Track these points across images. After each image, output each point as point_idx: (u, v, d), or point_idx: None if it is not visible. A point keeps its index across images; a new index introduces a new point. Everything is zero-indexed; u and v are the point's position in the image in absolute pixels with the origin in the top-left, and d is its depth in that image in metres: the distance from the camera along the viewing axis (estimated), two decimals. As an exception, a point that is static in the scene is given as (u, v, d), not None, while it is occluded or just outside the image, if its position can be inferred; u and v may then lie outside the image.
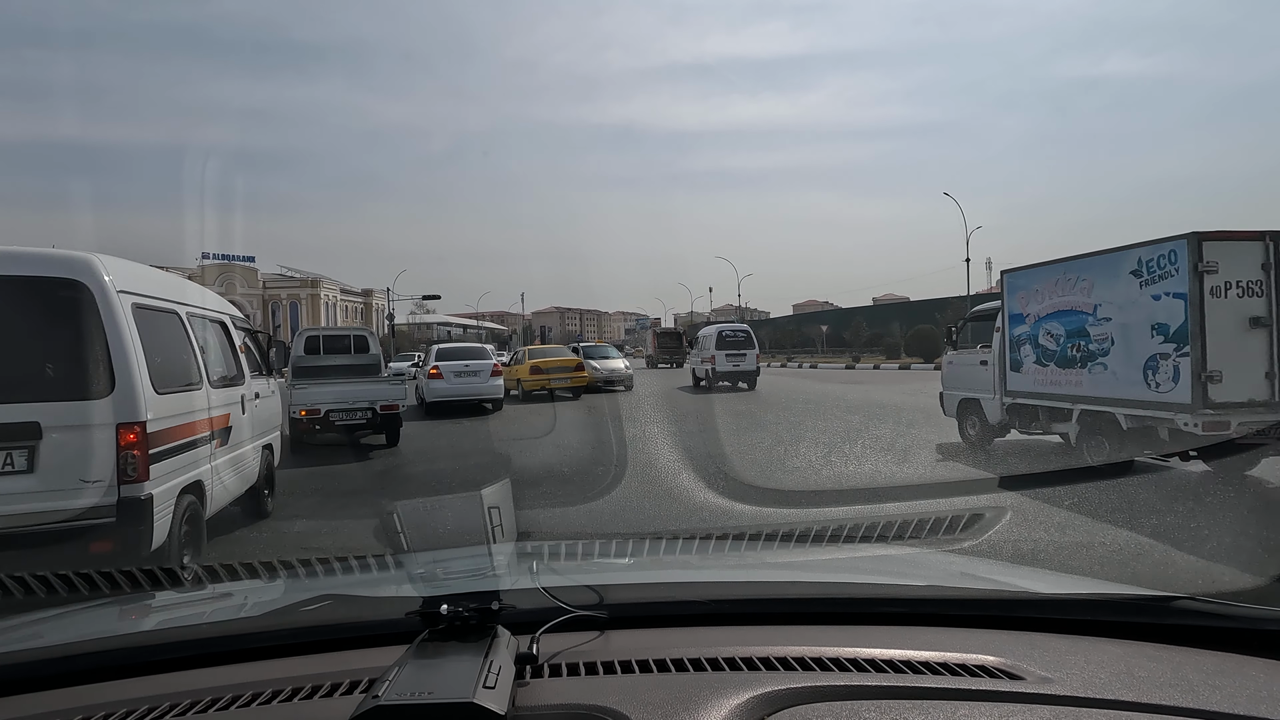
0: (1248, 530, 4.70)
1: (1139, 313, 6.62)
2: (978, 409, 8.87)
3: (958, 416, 9.29)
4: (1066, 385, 7.48)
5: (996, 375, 8.57)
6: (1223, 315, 6.05)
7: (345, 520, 5.77)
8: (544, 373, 17.94)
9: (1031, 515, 5.11)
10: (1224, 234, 6.26)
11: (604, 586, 1.23)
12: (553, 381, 17.87)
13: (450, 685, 0.83)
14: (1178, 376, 6.18)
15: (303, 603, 1.32)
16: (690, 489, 6.25)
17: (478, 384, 14.91)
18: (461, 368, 15.04)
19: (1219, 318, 6.04)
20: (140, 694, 1.00)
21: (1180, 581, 3.73)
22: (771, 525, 4.99)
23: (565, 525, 5.28)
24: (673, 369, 29.91)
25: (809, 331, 53.20)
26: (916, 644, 1.06)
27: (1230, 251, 6.18)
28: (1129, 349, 6.72)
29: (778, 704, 0.88)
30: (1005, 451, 8.12)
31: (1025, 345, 8.14)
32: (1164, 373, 6.31)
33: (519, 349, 23.08)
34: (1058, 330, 7.67)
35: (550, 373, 17.98)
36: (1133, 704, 0.88)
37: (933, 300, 45.39)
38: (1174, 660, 1.03)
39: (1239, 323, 6.08)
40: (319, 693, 0.95)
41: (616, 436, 9.84)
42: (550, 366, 18.24)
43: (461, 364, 15.13)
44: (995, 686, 0.93)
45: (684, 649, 1.04)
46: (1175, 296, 6.25)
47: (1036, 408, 7.96)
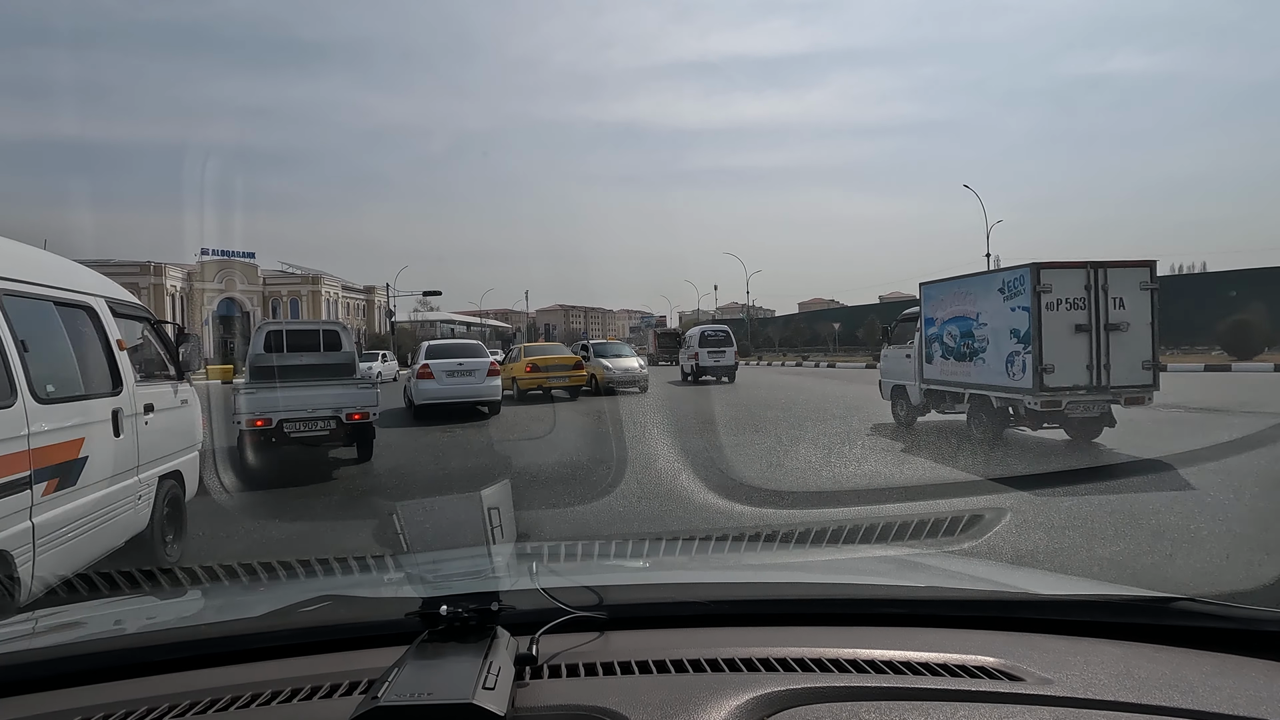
0: (1246, 531, 4.70)
1: (1003, 320, 8.83)
2: (904, 393, 11.01)
3: (890, 399, 11.45)
4: (960, 374, 9.71)
5: (916, 366, 10.63)
6: (1055, 324, 8.24)
7: (345, 520, 5.77)
8: (541, 371, 17.31)
9: (1031, 516, 5.11)
10: (1056, 264, 8.50)
11: (603, 587, 1.23)
12: (550, 381, 17.26)
13: (450, 686, 0.83)
14: (1025, 368, 8.40)
15: (302, 603, 1.32)
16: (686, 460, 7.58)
17: (473, 384, 13.63)
18: (455, 366, 13.69)
19: (1052, 325, 8.24)
20: (139, 695, 1.00)
21: (1179, 582, 3.73)
22: (771, 526, 4.99)
23: (564, 518, 5.29)
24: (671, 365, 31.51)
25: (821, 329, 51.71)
26: (916, 645, 1.06)
27: (1061, 277, 8.35)
28: (997, 347, 8.93)
29: (778, 705, 0.88)
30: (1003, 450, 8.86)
31: (935, 343, 10.28)
32: (1017, 365, 8.55)
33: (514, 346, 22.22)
34: (955, 332, 9.87)
35: (548, 371, 17.37)
36: (1132, 705, 0.88)
37: None
38: (1173, 661, 1.03)
39: (1067, 329, 8.24)
40: (318, 693, 0.95)
41: (616, 434, 9.92)
42: (548, 365, 17.59)
43: (455, 362, 13.78)
44: (995, 687, 0.93)
45: (684, 650, 1.04)
46: (1023, 309, 8.46)
47: (943, 392, 10.12)
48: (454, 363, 13.82)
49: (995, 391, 8.95)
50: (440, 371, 13.61)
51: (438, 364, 13.68)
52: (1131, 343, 8.35)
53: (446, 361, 13.85)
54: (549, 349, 20.26)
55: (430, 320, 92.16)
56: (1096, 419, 8.46)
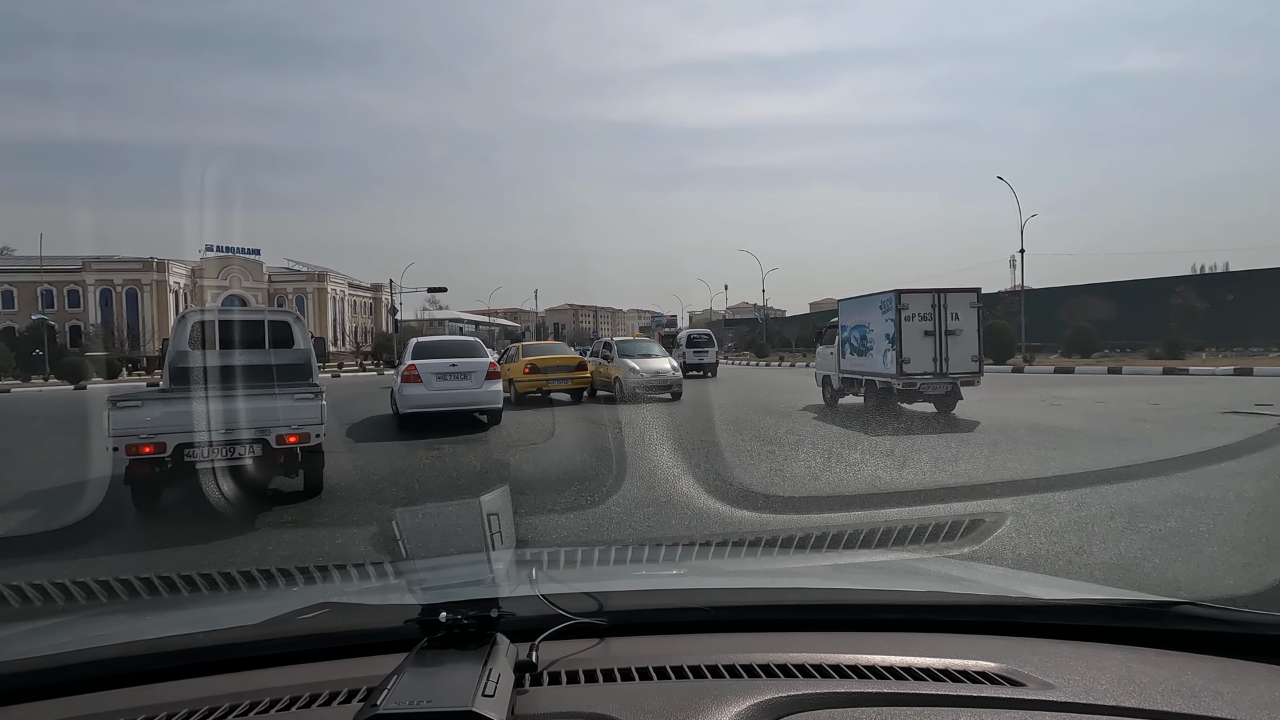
0: (1249, 535, 4.70)
1: (881, 328, 13.14)
2: (829, 381, 15.40)
3: (820, 385, 16.00)
4: (860, 366, 14.03)
5: (835, 361, 15.00)
6: (911, 330, 12.54)
7: (344, 528, 5.76)
8: (541, 373, 15.97)
9: (1031, 520, 5.10)
10: (912, 290, 12.83)
11: (603, 594, 1.23)
12: (551, 383, 16.03)
13: (449, 693, 0.83)
14: (892, 361, 12.60)
15: (301, 611, 1.31)
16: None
17: (469, 389, 11.61)
18: (447, 368, 11.59)
19: (909, 331, 12.54)
20: (137, 704, 0.99)
21: (1181, 586, 3.72)
22: (771, 531, 4.98)
23: (563, 518, 5.28)
24: None
25: None
26: (917, 650, 1.06)
27: (916, 298, 12.68)
28: (879, 346, 13.21)
29: (778, 711, 0.88)
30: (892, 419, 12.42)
31: (846, 344, 14.62)
32: (889, 359, 12.74)
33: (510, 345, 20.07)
34: (857, 336, 14.16)
35: (548, 373, 16.06)
36: (1134, 710, 0.88)
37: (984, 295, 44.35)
38: (1175, 666, 1.03)
39: (920, 334, 12.54)
40: (317, 701, 0.95)
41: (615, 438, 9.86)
42: (548, 365, 16.24)
43: (447, 363, 11.67)
44: (996, 693, 0.93)
45: (684, 656, 1.03)
46: (891, 320, 12.73)
47: (852, 379, 14.39)
48: (445, 364, 11.70)
49: (879, 377, 13.24)
50: (429, 374, 11.51)
51: (426, 365, 11.62)
52: (963, 344, 12.65)
53: (437, 362, 11.72)
54: (550, 348, 18.82)
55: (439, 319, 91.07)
56: (946, 395, 12.58)
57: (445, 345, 12.86)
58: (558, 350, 18.41)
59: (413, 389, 11.53)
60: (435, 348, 12.44)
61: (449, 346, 12.73)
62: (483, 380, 11.79)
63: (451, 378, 11.67)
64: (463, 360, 11.89)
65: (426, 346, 12.52)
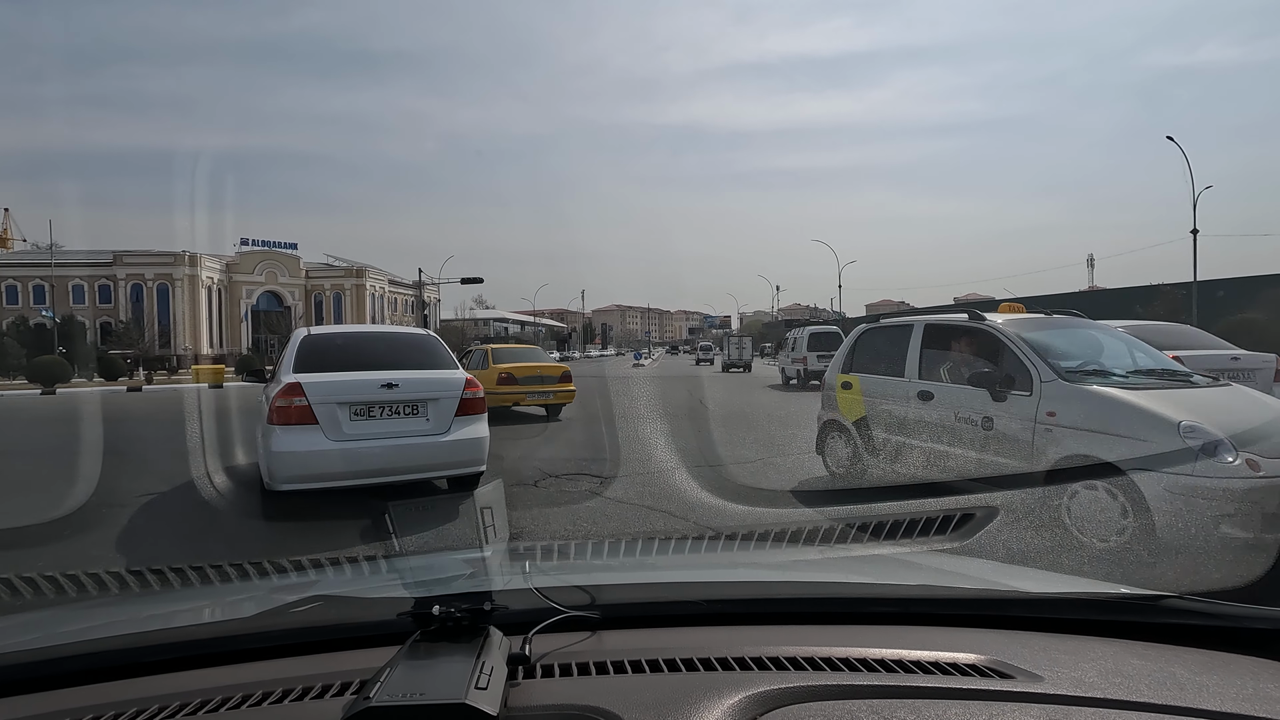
0: (1235, 528, 4.74)
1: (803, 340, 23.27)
2: (783, 373, 25.09)
3: (782, 375, 25.28)
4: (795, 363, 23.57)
5: (790, 359, 24.33)
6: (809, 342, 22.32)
7: (336, 521, 5.74)
8: (518, 384, 12.77)
9: (1022, 514, 5.13)
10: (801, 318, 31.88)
11: (596, 587, 1.23)
12: (528, 398, 12.93)
13: (442, 686, 0.83)
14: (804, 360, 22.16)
15: (293, 604, 1.31)
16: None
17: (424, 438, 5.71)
18: (375, 393, 5.61)
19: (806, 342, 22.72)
20: (129, 696, 0.99)
21: (1169, 580, 3.76)
22: (764, 525, 5.00)
23: (559, 510, 5.29)
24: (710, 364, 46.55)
25: None
26: (908, 643, 1.07)
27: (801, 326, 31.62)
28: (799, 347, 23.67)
29: (770, 704, 0.88)
30: None
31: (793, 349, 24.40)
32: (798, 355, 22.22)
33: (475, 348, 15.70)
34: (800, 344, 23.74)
35: (525, 384, 12.87)
36: (1121, 702, 0.89)
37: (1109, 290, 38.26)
38: (1162, 658, 1.04)
39: None
40: (310, 694, 0.95)
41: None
42: (526, 376, 12.96)
43: (374, 383, 5.66)
44: (986, 685, 0.94)
45: (676, 649, 1.04)
46: None
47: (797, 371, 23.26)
48: (371, 384, 5.67)
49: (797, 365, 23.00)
50: (334, 406, 5.50)
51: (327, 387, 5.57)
52: None
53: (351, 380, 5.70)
54: (529, 354, 14.85)
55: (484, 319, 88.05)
56: None
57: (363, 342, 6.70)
58: (537, 356, 14.66)
59: (294, 439, 5.38)
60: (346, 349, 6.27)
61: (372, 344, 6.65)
62: (450, 418, 5.85)
63: (385, 413, 5.67)
64: (410, 378, 5.86)
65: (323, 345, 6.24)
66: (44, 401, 22.94)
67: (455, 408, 5.87)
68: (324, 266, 71.23)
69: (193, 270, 61.01)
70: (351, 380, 5.68)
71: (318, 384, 5.54)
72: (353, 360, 6.02)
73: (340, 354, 6.13)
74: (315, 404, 5.43)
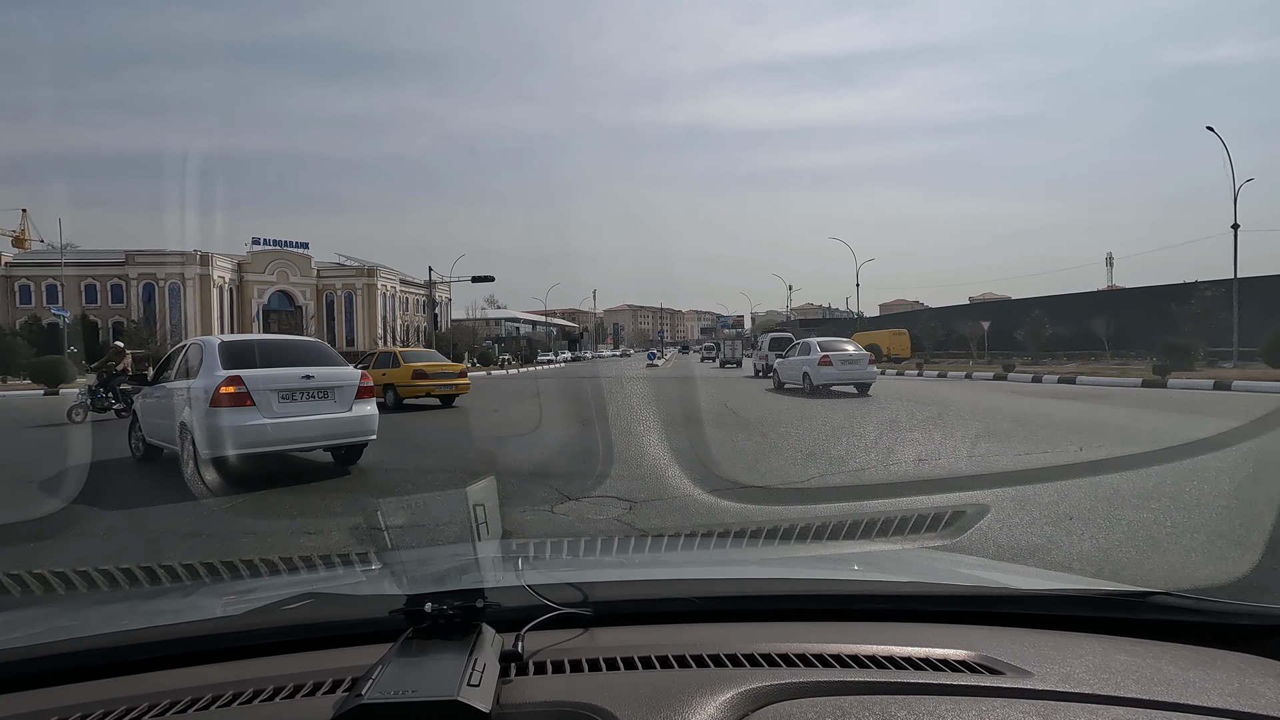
0: (1222, 526, 4.79)
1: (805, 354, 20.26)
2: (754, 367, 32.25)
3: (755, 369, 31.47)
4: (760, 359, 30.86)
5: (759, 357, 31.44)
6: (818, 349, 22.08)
7: (327, 517, 5.72)
8: (428, 378, 16.91)
9: (1012, 512, 5.17)
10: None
11: (589, 584, 1.23)
12: (437, 389, 16.89)
13: (434, 683, 0.83)
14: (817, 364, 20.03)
15: (284, 601, 1.31)
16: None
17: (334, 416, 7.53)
18: (298, 383, 7.36)
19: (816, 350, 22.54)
20: (118, 694, 0.98)
21: (1157, 577, 3.79)
22: (757, 522, 5.01)
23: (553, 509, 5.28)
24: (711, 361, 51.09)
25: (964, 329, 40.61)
26: (899, 639, 1.08)
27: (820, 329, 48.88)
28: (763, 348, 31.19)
29: (762, 700, 0.89)
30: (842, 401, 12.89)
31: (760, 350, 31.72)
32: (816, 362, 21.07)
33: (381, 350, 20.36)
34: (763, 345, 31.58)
35: (435, 378, 16.99)
36: (1110, 698, 0.90)
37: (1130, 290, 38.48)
38: (1150, 654, 1.05)
39: None
40: (301, 692, 0.95)
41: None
42: (435, 371, 17.21)
43: (297, 375, 7.41)
44: (975, 681, 0.95)
45: (669, 646, 1.04)
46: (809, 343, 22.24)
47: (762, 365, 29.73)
48: (294, 376, 7.39)
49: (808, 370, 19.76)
50: (267, 392, 7.15)
51: (261, 378, 7.22)
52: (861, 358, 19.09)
53: (278, 374, 7.36)
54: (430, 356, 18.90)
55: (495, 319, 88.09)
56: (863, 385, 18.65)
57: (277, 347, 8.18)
58: (437, 357, 18.99)
59: (238, 417, 6.93)
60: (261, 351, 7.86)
61: (285, 349, 8.16)
62: (351, 401, 7.73)
63: (306, 397, 7.39)
64: (322, 372, 7.64)
65: (243, 349, 7.74)
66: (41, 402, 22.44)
67: (355, 393, 7.85)
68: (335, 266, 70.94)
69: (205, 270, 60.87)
70: (280, 373, 7.42)
71: (254, 376, 7.21)
72: (266, 359, 7.64)
73: (254, 352, 7.76)
74: (253, 391, 7.13)
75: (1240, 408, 12.56)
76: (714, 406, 14.94)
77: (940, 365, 35.24)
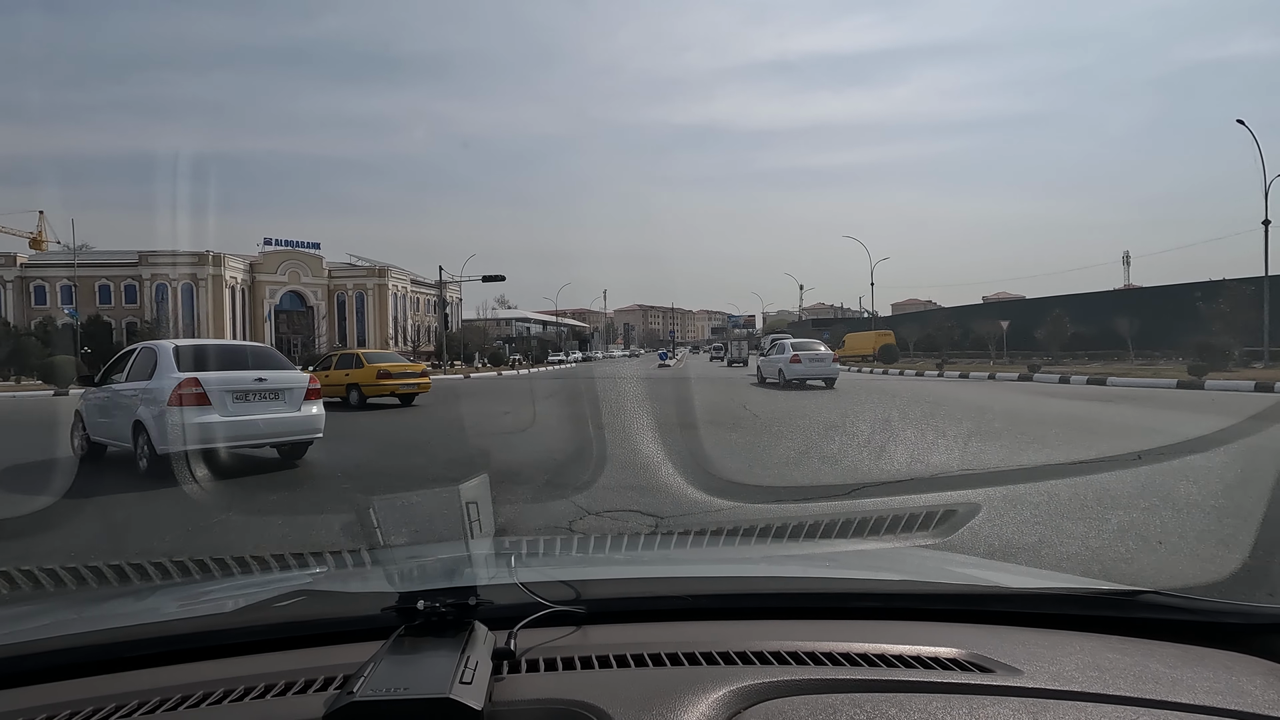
0: (1207, 525, 4.82)
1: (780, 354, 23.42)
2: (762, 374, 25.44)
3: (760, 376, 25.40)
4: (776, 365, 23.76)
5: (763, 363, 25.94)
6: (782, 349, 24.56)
7: (320, 515, 5.71)
8: (392, 378, 18.44)
9: (1003, 511, 5.19)
10: None
11: (582, 582, 1.23)
12: (401, 387, 18.40)
13: (426, 681, 0.83)
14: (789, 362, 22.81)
15: (277, 598, 1.30)
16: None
17: (284, 416, 8.20)
18: (251, 385, 8.03)
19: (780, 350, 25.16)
20: (107, 691, 0.98)
21: (1147, 576, 3.81)
22: (750, 520, 5.02)
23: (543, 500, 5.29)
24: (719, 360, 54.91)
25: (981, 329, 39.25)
26: (890, 638, 1.08)
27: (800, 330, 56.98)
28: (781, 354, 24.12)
29: (754, 698, 0.89)
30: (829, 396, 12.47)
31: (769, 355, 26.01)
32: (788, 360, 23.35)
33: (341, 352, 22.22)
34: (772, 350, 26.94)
35: (397, 378, 18.54)
36: (1099, 695, 0.90)
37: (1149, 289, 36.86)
38: (1138, 652, 1.05)
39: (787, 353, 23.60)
40: (292, 689, 0.94)
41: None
42: (398, 372, 18.84)
43: (250, 378, 8.08)
44: (966, 679, 0.95)
45: (662, 644, 1.04)
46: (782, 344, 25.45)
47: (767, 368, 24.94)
48: (248, 378, 8.07)
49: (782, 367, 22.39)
50: (223, 392, 7.77)
51: (217, 379, 7.84)
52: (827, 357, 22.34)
53: (232, 376, 8.01)
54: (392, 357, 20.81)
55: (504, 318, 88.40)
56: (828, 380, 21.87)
57: (229, 351, 8.97)
58: (398, 359, 20.74)
59: (195, 415, 7.53)
60: (215, 355, 8.54)
61: (235, 353, 8.91)
62: (300, 402, 8.41)
63: (258, 398, 8.04)
64: (274, 375, 8.32)
65: (197, 353, 8.37)
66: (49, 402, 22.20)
67: (303, 394, 8.48)
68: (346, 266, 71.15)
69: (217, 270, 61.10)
70: (234, 375, 8.07)
71: (210, 378, 7.81)
72: (218, 363, 8.24)
73: (208, 356, 8.38)
74: (209, 391, 7.71)
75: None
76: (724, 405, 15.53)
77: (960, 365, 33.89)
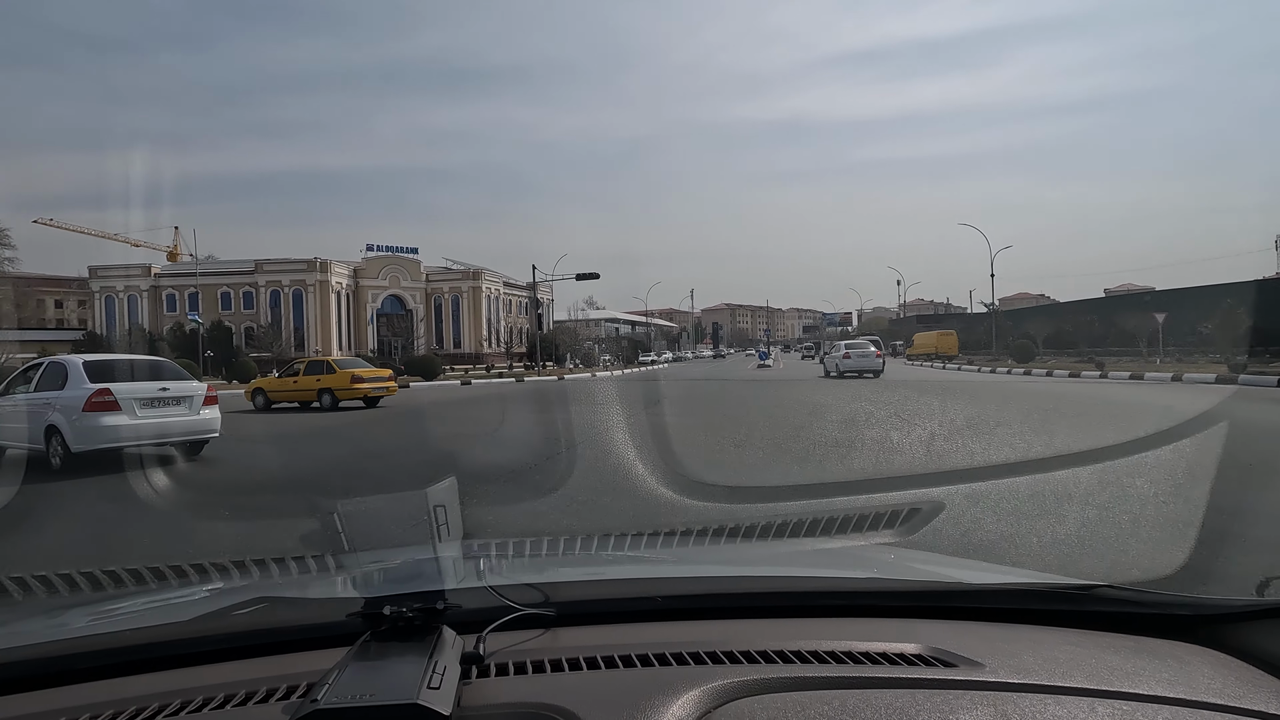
0: (1164, 519, 4.98)
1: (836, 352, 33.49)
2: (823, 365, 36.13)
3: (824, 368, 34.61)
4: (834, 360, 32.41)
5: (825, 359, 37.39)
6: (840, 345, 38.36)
7: (282, 519, 5.59)
8: (364, 381, 19.87)
9: (965, 509, 5.30)
10: None
11: (551, 584, 1.23)
12: (372, 390, 20.00)
13: (393, 687, 0.81)
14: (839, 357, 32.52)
15: (237, 605, 1.27)
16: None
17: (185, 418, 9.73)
18: (156, 393, 9.52)
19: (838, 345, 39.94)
20: (59, 705, 0.95)
21: (1102, 570, 3.93)
22: (718, 521, 5.05)
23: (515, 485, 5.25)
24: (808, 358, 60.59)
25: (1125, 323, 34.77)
26: (856, 634, 1.10)
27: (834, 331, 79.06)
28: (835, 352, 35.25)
29: (724, 697, 0.89)
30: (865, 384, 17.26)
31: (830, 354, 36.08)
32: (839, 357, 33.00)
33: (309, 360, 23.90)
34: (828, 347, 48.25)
35: (369, 382, 20.02)
36: (1058, 688, 0.93)
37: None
38: (1097, 645, 1.09)
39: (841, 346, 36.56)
40: (254, 699, 0.92)
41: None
42: (369, 376, 20.36)
43: (156, 387, 9.60)
44: (930, 674, 0.97)
45: (631, 645, 1.04)
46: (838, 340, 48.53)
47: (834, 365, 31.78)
48: (153, 387, 9.59)
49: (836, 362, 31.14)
50: (131, 399, 9.22)
51: (126, 388, 9.31)
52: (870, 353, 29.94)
53: (140, 386, 9.52)
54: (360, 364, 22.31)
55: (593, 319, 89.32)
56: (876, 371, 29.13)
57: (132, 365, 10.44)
58: (365, 365, 22.29)
59: (107, 419, 8.98)
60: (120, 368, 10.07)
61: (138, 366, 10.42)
62: (200, 406, 9.97)
63: (162, 404, 9.55)
64: (176, 384, 9.93)
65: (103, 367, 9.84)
66: None
67: (202, 400, 9.99)
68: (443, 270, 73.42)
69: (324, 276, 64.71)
70: (140, 385, 9.52)
71: (121, 387, 9.27)
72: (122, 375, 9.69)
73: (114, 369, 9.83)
74: (120, 399, 9.12)
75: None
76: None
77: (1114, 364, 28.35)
